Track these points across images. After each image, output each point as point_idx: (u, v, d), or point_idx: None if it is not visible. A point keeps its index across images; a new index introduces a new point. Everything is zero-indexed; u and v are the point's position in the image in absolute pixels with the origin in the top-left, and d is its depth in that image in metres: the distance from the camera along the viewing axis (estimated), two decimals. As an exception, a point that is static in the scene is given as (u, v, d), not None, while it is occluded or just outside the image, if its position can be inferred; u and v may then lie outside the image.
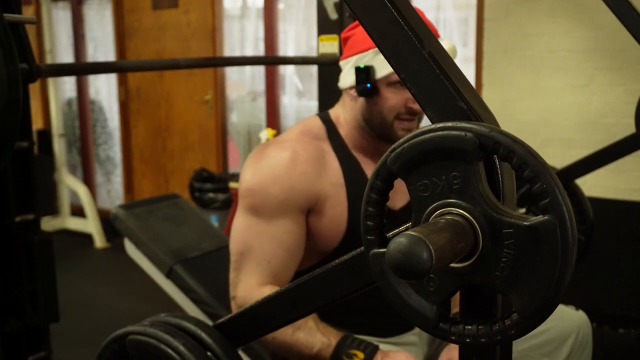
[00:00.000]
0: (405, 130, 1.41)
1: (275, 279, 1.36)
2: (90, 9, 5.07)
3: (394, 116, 1.40)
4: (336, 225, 1.40)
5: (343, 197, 1.40)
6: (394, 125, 1.40)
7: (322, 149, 1.43)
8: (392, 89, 1.39)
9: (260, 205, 1.36)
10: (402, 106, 1.39)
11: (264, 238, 1.36)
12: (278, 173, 1.36)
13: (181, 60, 1.79)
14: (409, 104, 1.38)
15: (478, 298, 0.63)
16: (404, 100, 1.39)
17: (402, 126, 1.40)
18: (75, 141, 5.33)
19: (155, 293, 2.42)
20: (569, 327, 1.51)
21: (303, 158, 1.38)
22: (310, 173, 1.37)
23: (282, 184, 1.35)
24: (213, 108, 4.44)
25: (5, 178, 1.34)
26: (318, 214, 1.39)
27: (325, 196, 1.39)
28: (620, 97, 2.94)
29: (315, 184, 1.38)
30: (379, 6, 0.64)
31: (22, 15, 1.25)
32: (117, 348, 0.96)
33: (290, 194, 1.35)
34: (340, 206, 1.40)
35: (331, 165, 1.42)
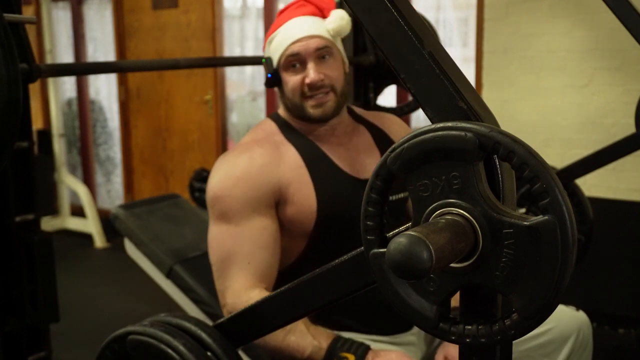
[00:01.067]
0: (315, 107, 1.45)
1: (260, 278, 1.37)
2: (90, 9, 5.07)
3: (299, 96, 1.44)
4: (307, 206, 1.41)
5: (307, 178, 1.43)
6: (303, 104, 1.45)
7: (276, 141, 1.47)
8: (289, 72, 1.44)
9: (228, 209, 1.39)
10: (300, 85, 1.43)
11: (239, 241, 1.38)
12: (238, 174, 1.40)
13: (181, 60, 1.79)
14: (305, 81, 1.42)
15: (478, 298, 0.63)
16: (300, 79, 1.43)
17: (311, 103, 1.45)
18: (75, 141, 5.33)
19: (155, 293, 2.42)
20: (569, 328, 1.51)
21: (258, 154, 1.42)
22: (268, 165, 1.41)
23: (243, 183, 1.39)
24: (213, 108, 4.44)
25: (5, 178, 1.34)
26: (286, 202, 1.41)
27: (287, 182, 1.41)
28: (620, 97, 2.93)
29: (275, 174, 1.41)
30: (379, 6, 0.64)
31: (22, 15, 1.25)
32: (117, 348, 0.96)
33: (253, 191, 1.38)
34: (306, 187, 1.42)
35: (288, 152, 1.45)
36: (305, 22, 1.44)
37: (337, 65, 1.46)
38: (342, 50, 1.50)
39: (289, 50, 1.42)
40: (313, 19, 1.45)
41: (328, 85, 1.44)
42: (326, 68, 1.44)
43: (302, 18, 1.45)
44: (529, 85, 3.15)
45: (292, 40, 1.42)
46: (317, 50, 1.42)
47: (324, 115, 1.45)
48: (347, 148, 1.52)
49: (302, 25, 1.44)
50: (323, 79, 1.42)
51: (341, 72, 1.47)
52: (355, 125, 1.57)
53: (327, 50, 1.44)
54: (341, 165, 1.48)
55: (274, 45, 1.46)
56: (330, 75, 1.44)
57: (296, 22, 1.44)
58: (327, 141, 1.50)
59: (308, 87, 1.42)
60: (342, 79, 1.47)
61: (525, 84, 3.16)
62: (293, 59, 1.43)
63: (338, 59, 1.47)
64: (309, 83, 1.42)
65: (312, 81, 1.41)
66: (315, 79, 1.41)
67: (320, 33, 1.43)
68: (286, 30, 1.44)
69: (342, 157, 1.49)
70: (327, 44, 1.44)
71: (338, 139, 1.51)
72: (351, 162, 1.49)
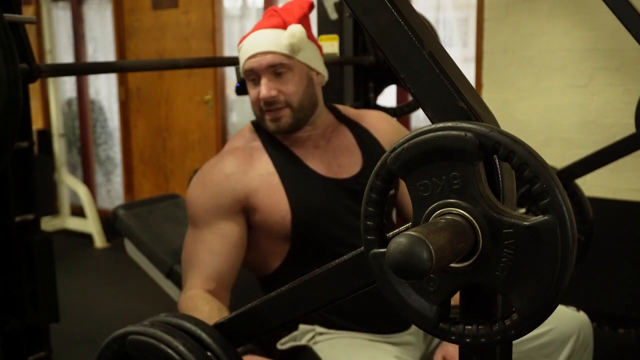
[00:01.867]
0: (271, 121, 1.46)
1: (207, 281, 1.40)
2: (90, 9, 5.06)
3: (259, 110, 1.46)
4: (278, 211, 1.43)
5: (277, 184, 1.44)
6: (264, 117, 1.47)
7: (251, 148, 1.49)
8: (250, 84, 1.47)
9: (195, 215, 1.44)
10: (257, 99, 1.45)
11: (197, 246, 1.42)
12: (207, 182, 1.45)
13: (181, 60, 1.79)
14: (260, 96, 1.43)
15: (478, 298, 0.63)
16: (257, 93, 1.45)
17: (268, 117, 1.46)
18: (75, 141, 5.33)
19: (155, 293, 2.42)
20: (570, 328, 1.51)
21: (229, 162, 1.45)
22: (237, 173, 1.44)
23: (210, 191, 1.43)
24: (213, 108, 4.44)
25: (5, 178, 1.34)
26: (255, 209, 1.43)
27: (255, 190, 1.43)
28: (620, 97, 2.93)
29: (242, 182, 1.43)
30: (379, 6, 0.64)
31: (22, 15, 1.25)
32: (117, 348, 0.96)
33: (217, 198, 1.42)
34: (276, 193, 1.43)
35: (260, 159, 1.47)
36: (265, 35, 1.44)
37: (295, 80, 1.45)
38: (309, 62, 1.47)
39: (246, 65, 1.44)
40: (274, 32, 1.44)
41: (282, 101, 1.44)
42: (281, 84, 1.43)
43: (264, 31, 1.45)
44: (529, 85, 3.15)
45: (248, 55, 1.44)
46: (270, 66, 1.42)
47: (279, 130, 1.47)
48: (325, 150, 1.52)
49: (260, 39, 1.44)
50: (275, 95, 1.43)
51: (300, 86, 1.45)
52: (337, 126, 1.57)
53: (282, 66, 1.43)
54: (315, 168, 1.49)
55: (240, 56, 1.48)
56: (284, 91, 1.43)
57: (257, 35, 1.45)
58: (302, 146, 1.51)
59: (262, 102, 1.44)
60: (300, 93, 1.45)
61: (525, 84, 3.16)
62: (250, 73, 1.44)
63: (298, 73, 1.45)
64: (261, 98, 1.43)
65: (263, 97, 1.42)
66: (266, 96, 1.42)
67: (275, 49, 1.42)
68: (248, 42, 1.45)
69: (317, 160, 1.50)
70: (282, 60, 1.42)
71: (314, 143, 1.52)
72: (328, 164, 1.50)
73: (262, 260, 1.50)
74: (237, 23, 4.47)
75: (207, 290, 1.39)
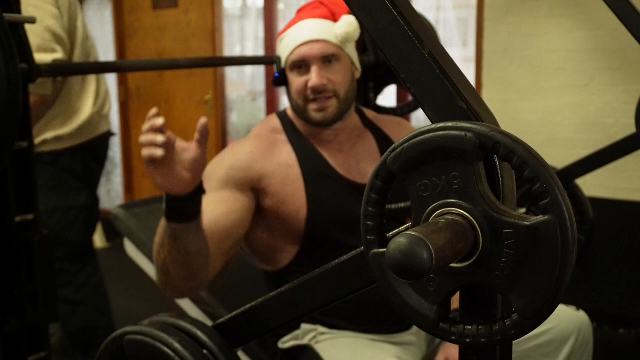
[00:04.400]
0: (317, 111, 1.45)
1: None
2: (90, 9, 5.06)
3: (303, 99, 1.45)
4: (293, 204, 1.42)
5: (296, 178, 1.43)
6: (307, 108, 1.46)
7: (275, 139, 1.49)
8: (295, 73, 1.45)
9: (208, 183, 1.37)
10: (304, 87, 1.44)
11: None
12: (224, 157, 1.45)
13: (181, 60, 1.79)
14: (308, 84, 1.43)
15: (478, 298, 0.63)
16: (304, 81, 1.44)
17: (313, 107, 1.45)
18: (75, 141, 5.33)
19: (155, 293, 2.42)
20: (569, 327, 1.51)
21: (249, 143, 1.46)
22: (254, 153, 1.43)
23: (225, 164, 1.43)
24: (213, 108, 4.44)
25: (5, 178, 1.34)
26: (267, 193, 1.42)
27: (270, 175, 1.42)
28: (620, 97, 2.93)
29: (258, 163, 1.42)
30: (379, 6, 0.64)
31: (22, 15, 1.25)
32: (115, 350, 0.96)
33: (230, 170, 1.41)
34: (293, 185, 1.43)
35: (282, 150, 1.47)
36: (315, 25, 1.44)
37: (343, 71, 1.45)
38: (352, 56, 1.49)
39: (295, 53, 1.43)
40: (323, 22, 1.45)
41: (331, 90, 1.44)
42: (330, 73, 1.43)
43: (312, 20, 1.45)
44: (529, 85, 3.15)
45: (299, 43, 1.42)
46: (322, 54, 1.42)
47: (324, 120, 1.46)
48: (348, 155, 1.52)
49: (311, 28, 1.43)
50: (325, 84, 1.42)
51: (347, 78, 1.46)
52: (362, 131, 1.57)
53: (333, 56, 1.43)
54: (339, 170, 1.48)
55: (283, 45, 1.47)
56: (334, 80, 1.43)
57: (305, 24, 1.44)
58: (327, 146, 1.51)
59: (311, 90, 1.43)
60: (347, 84, 1.46)
61: (525, 84, 3.16)
62: (298, 62, 1.43)
63: (345, 64, 1.46)
64: (312, 87, 1.42)
65: (314, 85, 1.41)
66: (318, 84, 1.41)
67: (327, 38, 1.43)
68: (295, 31, 1.44)
69: (340, 163, 1.49)
70: (334, 49, 1.43)
71: (340, 145, 1.52)
72: (349, 169, 1.50)
73: (271, 255, 1.48)
74: (237, 23, 4.47)
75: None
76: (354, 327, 1.46)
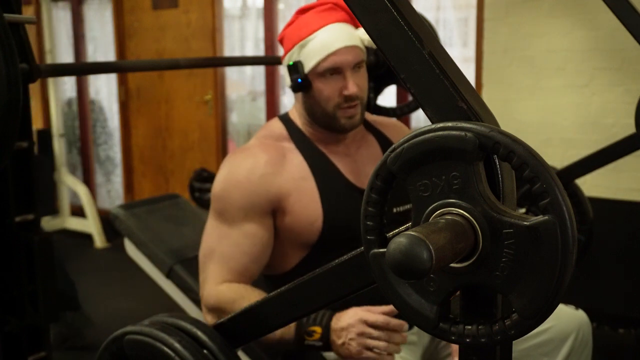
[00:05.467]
0: (348, 117, 1.44)
1: (235, 278, 1.39)
2: (90, 9, 5.06)
3: (334, 106, 1.42)
4: (308, 217, 1.41)
5: (311, 190, 1.42)
6: (336, 114, 1.43)
7: (283, 148, 1.46)
8: (323, 79, 1.42)
9: (223, 210, 1.41)
10: (337, 95, 1.42)
11: (224, 241, 1.40)
12: (240, 179, 1.41)
13: (181, 60, 1.79)
14: (343, 92, 1.41)
15: (478, 298, 0.63)
16: (338, 89, 1.41)
17: (345, 114, 1.43)
18: (75, 141, 5.33)
19: (155, 293, 2.42)
20: (569, 326, 1.51)
21: (263, 161, 1.42)
22: (270, 174, 1.41)
23: (242, 189, 1.40)
24: (213, 108, 4.44)
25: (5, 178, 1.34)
26: (284, 212, 1.41)
27: (287, 193, 1.41)
28: (620, 97, 2.93)
29: (275, 183, 1.41)
30: (379, 6, 0.64)
31: (22, 15, 1.25)
32: (115, 349, 0.96)
33: (250, 198, 1.39)
34: (308, 198, 1.42)
35: (293, 162, 1.45)
36: (343, 30, 1.41)
37: (366, 76, 1.46)
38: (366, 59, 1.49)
39: (329, 60, 1.39)
40: (348, 27, 1.42)
41: (361, 97, 1.43)
42: (359, 79, 1.43)
43: (338, 25, 1.41)
44: (529, 85, 3.15)
45: (333, 50, 1.38)
46: (355, 61, 1.41)
47: (353, 127, 1.46)
48: (354, 159, 1.51)
49: (341, 34, 1.40)
50: (359, 92, 1.42)
51: (367, 83, 1.47)
52: (364, 133, 1.57)
53: (362, 62, 1.43)
54: (349, 177, 1.48)
55: (310, 49, 1.40)
56: (362, 86, 1.43)
57: (333, 30, 1.40)
58: (335, 150, 1.50)
59: (345, 98, 1.41)
60: (367, 89, 1.48)
61: (525, 84, 3.16)
62: (331, 69, 1.40)
63: (365, 69, 1.46)
64: (349, 95, 1.40)
65: (352, 93, 1.40)
66: (355, 92, 1.40)
67: (357, 44, 1.41)
68: (323, 37, 1.39)
69: (349, 168, 1.49)
70: (363, 55, 1.43)
71: (346, 149, 1.51)
72: (357, 174, 1.49)
73: (276, 261, 1.48)
74: (237, 23, 4.47)
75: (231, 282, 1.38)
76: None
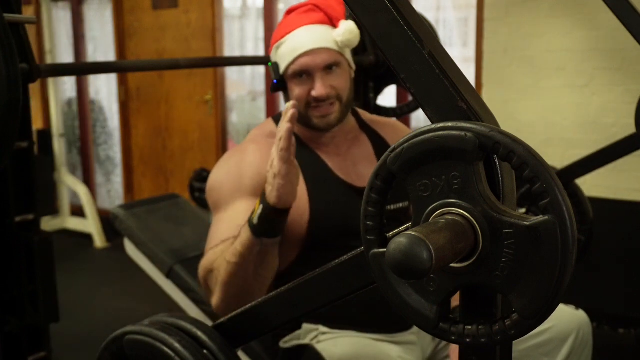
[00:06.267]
0: (320, 117, 1.45)
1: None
2: (90, 9, 5.06)
3: (304, 106, 1.44)
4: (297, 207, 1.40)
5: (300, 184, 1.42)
6: (309, 114, 1.45)
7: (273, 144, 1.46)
8: (295, 81, 1.44)
9: (218, 199, 1.44)
10: (306, 96, 1.43)
11: (219, 225, 1.42)
12: (229, 168, 1.45)
13: (181, 60, 1.79)
14: (311, 94, 1.42)
15: (478, 298, 0.63)
16: (307, 90, 1.43)
17: (316, 113, 1.45)
18: (75, 141, 5.33)
19: (155, 293, 2.42)
20: (569, 326, 1.51)
21: (252, 150, 1.46)
22: (259, 160, 1.43)
23: (232, 175, 1.43)
24: (213, 108, 4.44)
25: (5, 178, 1.34)
26: None
27: None
28: (620, 97, 2.93)
29: (264, 171, 1.40)
30: (379, 6, 0.64)
31: (22, 15, 1.25)
32: (115, 349, 0.96)
33: (239, 181, 1.42)
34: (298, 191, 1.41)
35: None
36: (315, 32, 1.42)
37: (344, 75, 1.46)
38: (349, 59, 1.49)
39: (297, 63, 1.41)
40: (322, 28, 1.43)
41: (334, 96, 1.44)
42: (333, 79, 1.43)
43: (311, 27, 1.43)
44: (529, 85, 3.15)
45: (301, 52, 1.40)
46: (325, 63, 1.41)
47: (328, 126, 1.46)
48: (345, 158, 1.52)
49: (311, 36, 1.42)
50: (329, 92, 1.42)
51: (347, 82, 1.47)
52: (358, 133, 1.57)
53: (334, 63, 1.43)
54: (338, 173, 1.48)
55: (282, 52, 1.44)
56: (336, 86, 1.44)
57: (305, 32, 1.42)
58: (325, 149, 1.51)
59: (314, 99, 1.42)
60: (348, 88, 1.47)
61: (525, 84, 3.16)
62: (300, 71, 1.42)
63: (345, 68, 1.46)
64: (316, 96, 1.42)
65: (319, 95, 1.41)
66: (322, 93, 1.41)
67: (329, 45, 1.42)
68: (294, 38, 1.42)
69: (338, 166, 1.50)
70: (335, 57, 1.43)
71: (337, 149, 1.52)
72: (347, 171, 1.50)
73: None
74: (237, 23, 4.47)
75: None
76: (355, 327, 1.45)
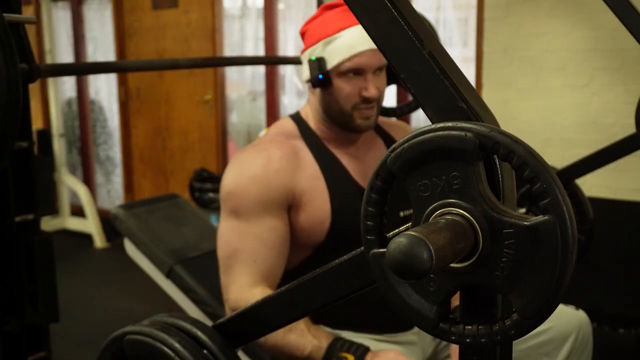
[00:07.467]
0: (364, 118, 1.45)
1: (264, 277, 1.37)
2: (90, 9, 5.06)
3: (351, 106, 1.44)
4: (319, 217, 1.41)
5: (322, 190, 1.43)
6: (353, 114, 1.45)
7: (295, 146, 1.47)
8: (345, 79, 1.43)
9: (240, 206, 1.39)
10: (356, 95, 1.43)
11: (247, 239, 1.38)
12: (254, 173, 1.39)
13: (181, 60, 1.79)
14: (362, 93, 1.42)
15: (478, 298, 0.63)
16: (357, 89, 1.42)
17: (361, 115, 1.45)
18: (75, 141, 5.33)
19: (155, 293, 2.42)
20: (569, 326, 1.51)
21: (277, 156, 1.41)
22: (286, 169, 1.41)
23: (258, 183, 1.38)
24: (213, 108, 4.44)
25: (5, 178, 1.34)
26: (298, 209, 1.41)
27: (302, 190, 1.41)
28: (620, 97, 2.93)
29: (291, 179, 1.41)
30: (379, 6, 0.64)
31: (22, 15, 1.25)
32: (115, 350, 0.96)
33: (267, 192, 1.38)
34: (320, 199, 1.42)
35: (306, 160, 1.45)
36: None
37: (385, 80, 1.48)
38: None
39: (354, 60, 1.40)
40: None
41: (379, 100, 1.45)
42: (379, 82, 1.45)
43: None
44: (529, 85, 3.15)
45: (358, 52, 1.40)
46: (379, 65, 1.42)
47: (368, 127, 1.47)
48: (363, 161, 1.52)
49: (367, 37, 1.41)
50: (379, 94, 1.44)
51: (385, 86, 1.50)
52: (374, 137, 1.58)
53: (384, 66, 1.44)
54: (356, 179, 1.48)
55: (334, 48, 1.41)
56: (381, 89, 1.45)
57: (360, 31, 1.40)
58: (345, 151, 1.50)
59: (364, 99, 1.42)
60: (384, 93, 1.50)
61: (525, 84, 3.16)
62: (353, 69, 1.41)
63: (385, 73, 1.48)
64: (369, 97, 1.42)
65: (371, 96, 1.42)
66: (375, 95, 1.42)
67: None
68: (350, 36, 1.41)
69: (357, 170, 1.50)
70: (384, 60, 1.43)
71: (355, 151, 1.52)
72: (364, 176, 1.50)
73: None
74: (237, 23, 4.47)
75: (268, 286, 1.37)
76: (355, 327, 1.46)
